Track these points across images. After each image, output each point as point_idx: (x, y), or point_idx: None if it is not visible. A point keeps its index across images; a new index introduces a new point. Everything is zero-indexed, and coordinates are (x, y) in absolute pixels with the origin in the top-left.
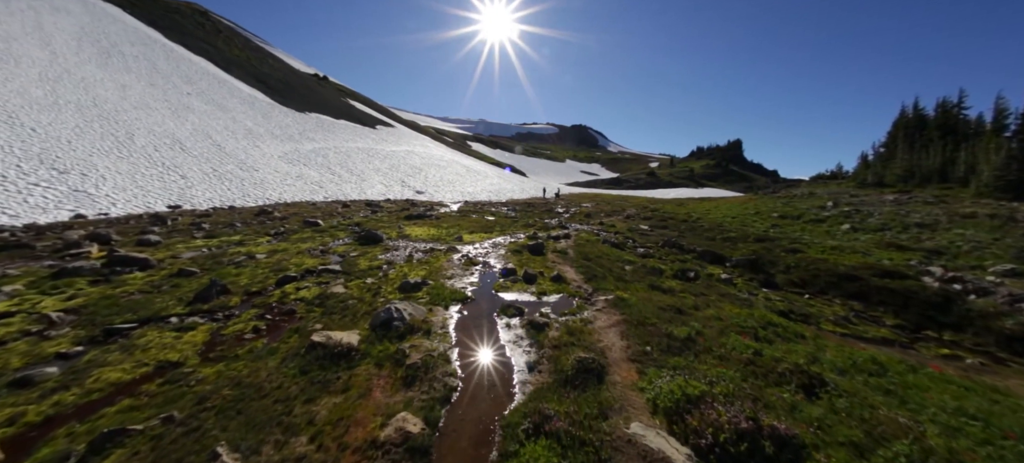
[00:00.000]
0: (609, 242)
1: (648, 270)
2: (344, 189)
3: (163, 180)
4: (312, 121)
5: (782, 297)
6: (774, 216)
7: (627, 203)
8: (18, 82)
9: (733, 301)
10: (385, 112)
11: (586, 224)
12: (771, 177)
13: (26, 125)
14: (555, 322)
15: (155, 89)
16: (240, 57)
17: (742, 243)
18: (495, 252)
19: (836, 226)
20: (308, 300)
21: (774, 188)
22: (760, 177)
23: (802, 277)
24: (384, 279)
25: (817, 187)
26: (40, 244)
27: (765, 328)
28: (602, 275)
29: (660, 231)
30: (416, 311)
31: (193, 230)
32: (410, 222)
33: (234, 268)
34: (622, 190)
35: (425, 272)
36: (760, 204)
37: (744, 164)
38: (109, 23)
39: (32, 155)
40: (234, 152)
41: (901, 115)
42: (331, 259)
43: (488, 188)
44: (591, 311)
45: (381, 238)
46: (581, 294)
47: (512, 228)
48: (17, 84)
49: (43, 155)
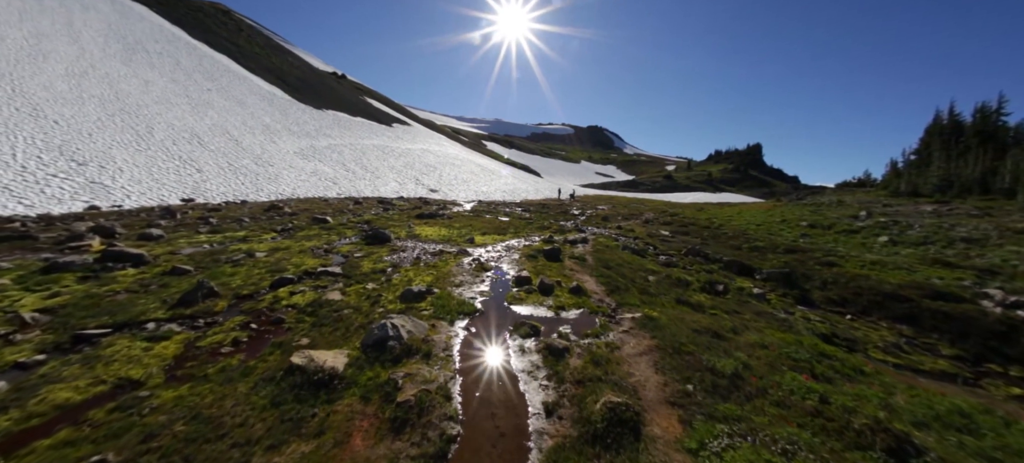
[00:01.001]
0: (629, 248)
1: (673, 281)
2: (358, 186)
3: (179, 173)
4: (329, 118)
5: (822, 317)
6: (803, 225)
7: (644, 206)
8: (45, 76)
9: (770, 321)
10: (402, 111)
11: (603, 228)
12: (792, 183)
13: (50, 117)
14: (576, 346)
15: (177, 85)
16: (260, 55)
17: (771, 254)
18: (508, 256)
19: (872, 238)
20: (300, 307)
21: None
22: (780, 183)
23: (842, 295)
24: (387, 285)
25: (845, 195)
26: (45, 235)
27: (819, 360)
28: (625, 287)
29: (682, 237)
30: (416, 327)
31: (200, 224)
32: (421, 221)
33: (230, 267)
34: (638, 193)
35: (432, 278)
36: (786, 211)
37: (764, 169)
38: (136, 21)
39: (53, 147)
40: (250, 147)
41: (935, 120)
42: (333, 260)
43: (503, 188)
44: (617, 332)
45: (389, 238)
46: (604, 310)
47: (527, 230)
48: (44, 78)
49: (63, 147)
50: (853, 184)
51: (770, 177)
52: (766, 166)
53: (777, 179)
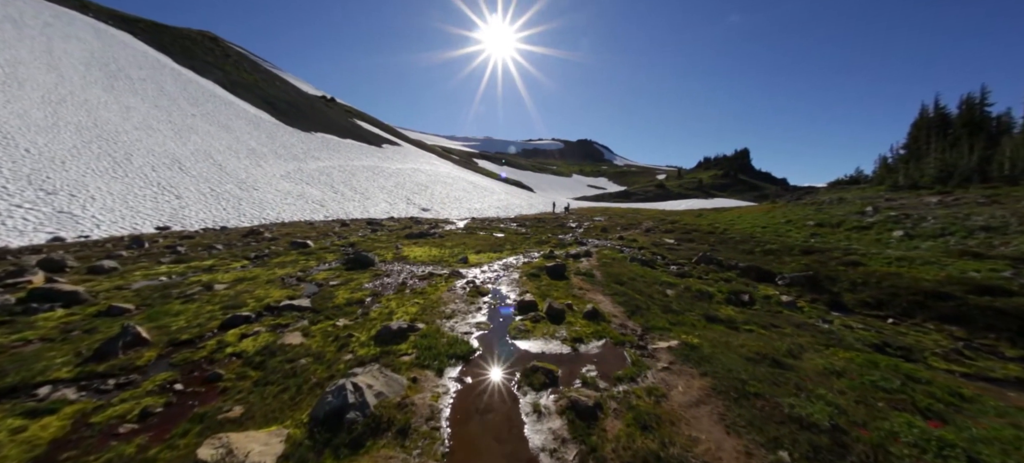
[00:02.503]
0: (637, 259)
1: (694, 295)
2: (347, 208)
3: (156, 201)
4: (317, 141)
5: (862, 323)
6: (810, 224)
7: (641, 216)
8: (20, 105)
9: (815, 334)
10: (392, 131)
11: (605, 239)
12: (781, 185)
13: (21, 146)
14: (610, 399)
15: (159, 111)
16: (248, 80)
17: (787, 256)
18: (507, 276)
19: (886, 233)
20: (248, 356)
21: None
22: (770, 186)
23: (876, 296)
24: (361, 320)
25: (842, 192)
26: None
27: (909, 386)
28: (645, 306)
29: (688, 245)
30: (390, 386)
31: (166, 253)
32: (410, 241)
33: (178, 304)
34: (631, 203)
35: (417, 308)
36: (789, 212)
37: (753, 173)
38: (119, 49)
39: (21, 176)
40: (234, 171)
41: (921, 115)
42: (304, 290)
43: (496, 204)
44: (656, 371)
45: (372, 262)
46: (630, 338)
47: (524, 246)
48: (18, 106)
49: (32, 176)
50: (845, 182)
51: (760, 180)
52: (755, 170)
53: (766, 182)
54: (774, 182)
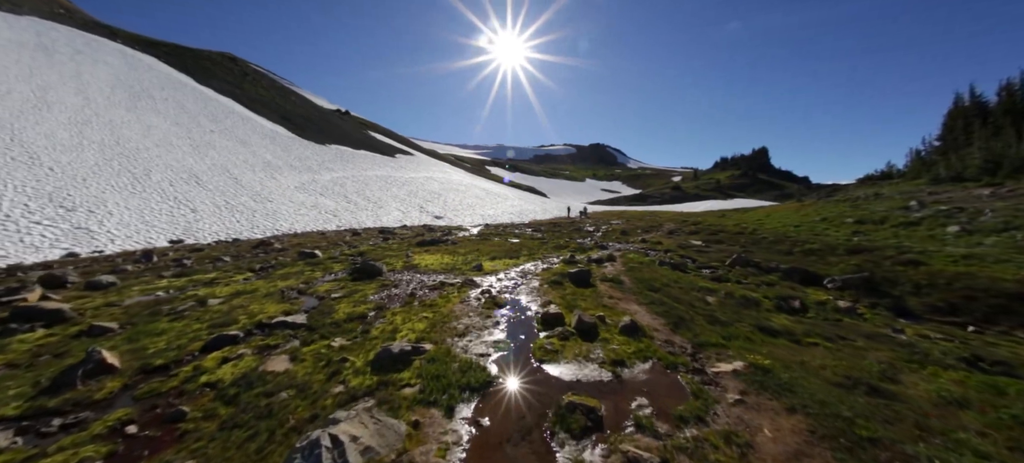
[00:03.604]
0: (666, 263)
1: (738, 301)
2: (359, 217)
3: (171, 215)
4: (331, 152)
5: (938, 331)
6: (848, 222)
7: (660, 218)
8: (47, 126)
9: (894, 347)
10: (405, 142)
11: (626, 243)
12: (804, 183)
13: (45, 165)
14: (679, 454)
15: (179, 128)
16: (265, 96)
17: (831, 256)
18: (526, 284)
19: (938, 229)
20: (222, 388)
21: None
22: (792, 184)
23: (947, 299)
24: (361, 339)
25: (876, 188)
26: None
27: None
28: (687, 316)
29: (717, 246)
30: (383, 436)
31: (172, 267)
32: (421, 249)
33: (165, 322)
34: (648, 206)
35: (425, 324)
36: (822, 209)
37: (772, 172)
38: (144, 71)
39: (43, 194)
40: (250, 184)
41: (956, 104)
42: (303, 304)
43: (510, 210)
44: (728, 405)
45: (380, 271)
46: (682, 360)
47: (542, 251)
48: (46, 127)
49: (54, 194)
50: (877, 177)
51: (780, 179)
52: (774, 169)
53: (787, 181)
54: (796, 180)
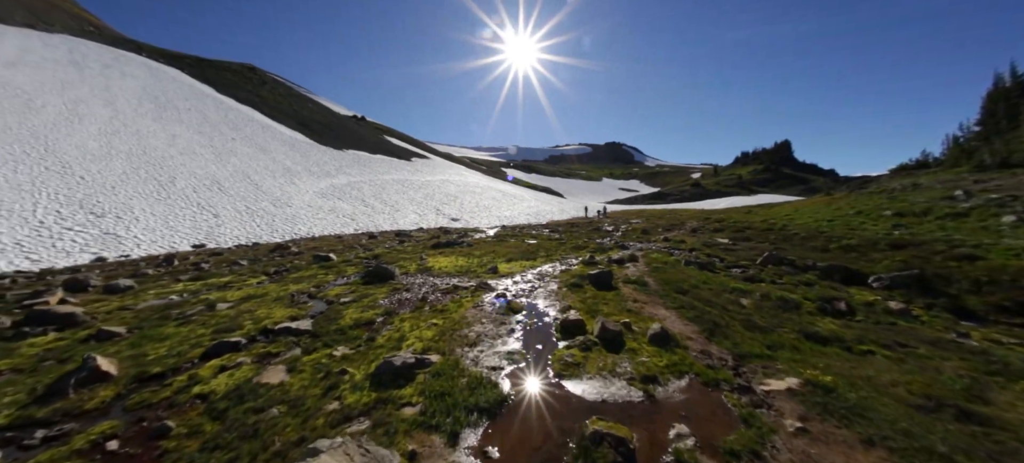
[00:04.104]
0: (692, 263)
1: (776, 303)
2: (376, 221)
3: (194, 220)
4: (349, 157)
5: (1009, 335)
6: (887, 214)
7: (682, 215)
8: (78, 137)
9: (962, 355)
10: (421, 146)
11: (647, 242)
12: (830, 176)
13: (76, 173)
14: None
15: (202, 136)
16: (283, 104)
17: (873, 252)
18: (544, 288)
19: (991, 219)
20: (214, 399)
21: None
22: (818, 177)
23: (1014, 298)
24: (365, 348)
25: (912, 178)
26: (14, 293)
27: None
28: (722, 321)
29: (745, 244)
30: None
31: (190, 270)
32: (436, 251)
33: (172, 326)
34: (667, 204)
35: (434, 332)
36: (855, 202)
37: (796, 165)
38: (168, 83)
39: (74, 201)
40: (270, 190)
41: (996, 85)
42: (310, 309)
43: (526, 211)
44: (788, 435)
45: (392, 275)
46: (724, 375)
47: (560, 252)
48: (77, 138)
49: (85, 201)
50: (912, 167)
51: (805, 173)
52: (798, 162)
53: (813, 174)
54: (821, 173)
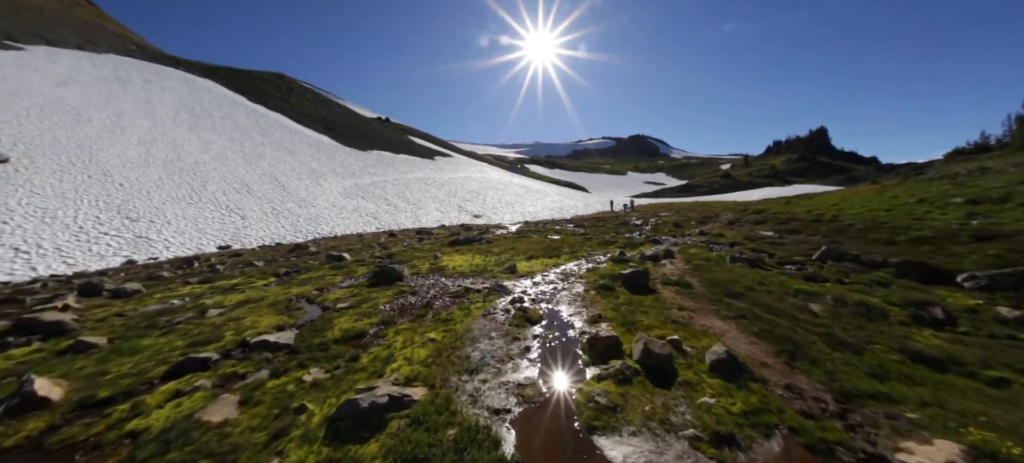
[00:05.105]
0: (739, 259)
1: (855, 310)
2: (398, 219)
3: (222, 222)
4: (373, 158)
5: None
6: (956, 202)
7: (716, 207)
8: (119, 147)
9: None
10: (444, 144)
11: (681, 236)
12: (872, 164)
13: (116, 180)
14: None
15: (234, 142)
16: (310, 109)
17: (954, 245)
18: (568, 290)
19: None
20: (142, 443)
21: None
22: (859, 166)
23: None
24: (343, 370)
25: (982, 161)
26: (35, 298)
27: None
28: (799, 339)
29: (793, 237)
30: None
31: (204, 272)
32: (453, 249)
33: (154, 336)
34: (696, 196)
35: (429, 350)
36: (915, 190)
37: (834, 154)
38: (203, 93)
39: (112, 207)
40: (296, 191)
41: None
42: (302, 316)
43: (549, 206)
44: None
45: (400, 276)
46: (831, 430)
47: (586, 248)
48: (118, 148)
49: (122, 206)
50: (969, 150)
51: (845, 161)
52: (836, 150)
53: (853, 163)
54: (863, 161)
